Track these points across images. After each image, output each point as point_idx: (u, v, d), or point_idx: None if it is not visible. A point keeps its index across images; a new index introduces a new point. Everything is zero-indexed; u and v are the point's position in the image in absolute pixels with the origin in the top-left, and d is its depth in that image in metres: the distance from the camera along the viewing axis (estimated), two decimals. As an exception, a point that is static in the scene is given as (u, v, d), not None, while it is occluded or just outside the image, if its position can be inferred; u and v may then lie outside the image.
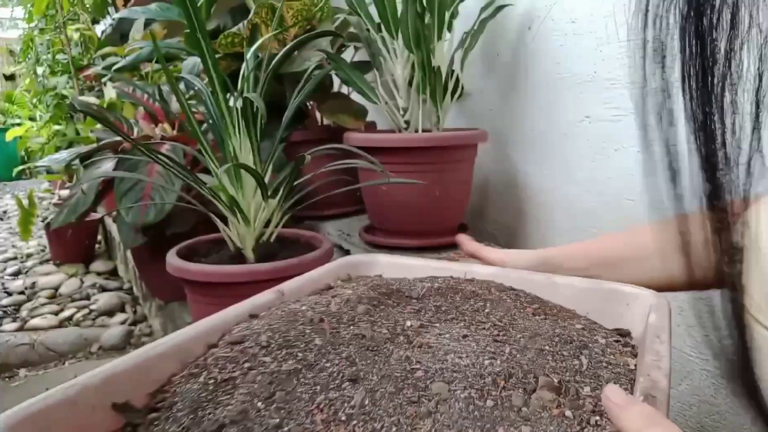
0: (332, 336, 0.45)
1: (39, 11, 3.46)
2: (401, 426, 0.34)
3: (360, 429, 0.33)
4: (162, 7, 1.56)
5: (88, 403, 0.40)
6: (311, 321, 0.48)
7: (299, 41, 1.23)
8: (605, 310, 0.59)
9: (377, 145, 1.20)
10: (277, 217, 1.15)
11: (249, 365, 0.41)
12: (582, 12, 1.07)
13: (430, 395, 0.37)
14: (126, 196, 1.34)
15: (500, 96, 1.33)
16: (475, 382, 0.39)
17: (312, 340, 0.44)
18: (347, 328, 0.47)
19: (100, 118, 1.22)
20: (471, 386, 0.38)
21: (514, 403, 0.37)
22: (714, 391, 0.91)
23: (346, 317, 0.49)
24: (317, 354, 0.42)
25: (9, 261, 2.99)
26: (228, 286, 1.02)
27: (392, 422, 0.34)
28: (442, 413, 0.35)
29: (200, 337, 0.50)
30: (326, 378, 0.39)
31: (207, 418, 0.36)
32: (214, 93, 1.06)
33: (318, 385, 0.38)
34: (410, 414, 0.35)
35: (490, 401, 0.37)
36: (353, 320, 0.49)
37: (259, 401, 0.36)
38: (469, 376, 0.40)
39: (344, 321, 0.48)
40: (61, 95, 3.30)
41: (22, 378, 1.75)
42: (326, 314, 0.49)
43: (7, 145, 5.51)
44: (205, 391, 0.39)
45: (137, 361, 0.44)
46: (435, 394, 0.37)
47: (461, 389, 0.38)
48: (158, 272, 1.26)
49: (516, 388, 0.39)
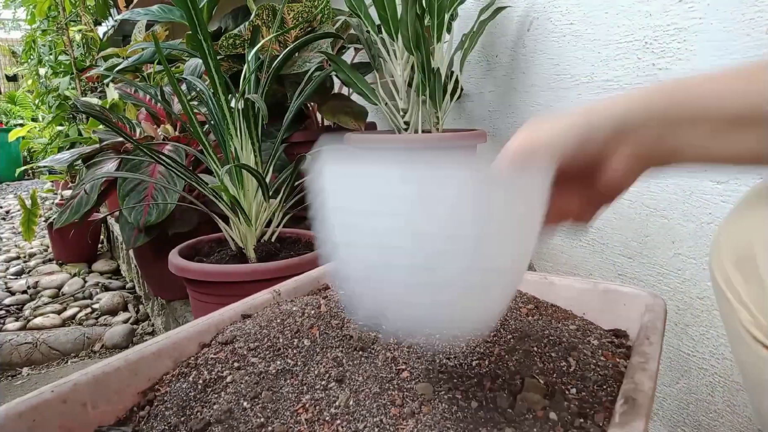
0: (321, 337, 0.45)
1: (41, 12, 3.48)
2: (384, 426, 0.34)
3: (343, 429, 0.34)
4: (164, 9, 1.57)
5: (78, 400, 0.41)
6: (301, 322, 0.48)
7: (300, 43, 1.24)
8: (603, 310, 0.59)
9: (378, 146, 1.20)
10: (278, 217, 1.15)
11: (238, 365, 0.41)
12: (580, 14, 1.08)
13: (414, 396, 0.38)
14: (128, 197, 1.34)
15: (499, 97, 1.33)
16: (461, 383, 0.39)
17: (300, 341, 0.44)
18: (336, 329, 0.47)
19: (103, 119, 1.23)
20: (456, 387, 0.39)
21: (500, 405, 0.38)
22: (711, 389, 0.91)
23: (336, 319, 0.49)
24: (305, 355, 0.42)
25: (12, 261, 3.01)
26: (229, 286, 1.03)
27: (375, 423, 0.34)
28: (425, 414, 0.36)
29: (194, 337, 0.50)
30: (313, 378, 0.39)
31: (194, 417, 0.36)
32: (216, 94, 1.06)
33: (304, 385, 0.39)
34: (393, 414, 0.35)
35: (474, 402, 0.37)
36: (343, 322, 0.49)
37: (245, 401, 0.37)
38: (455, 377, 0.40)
39: (334, 323, 0.49)
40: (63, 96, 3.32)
41: (24, 377, 1.76)
42: (316, 316, 0.49)
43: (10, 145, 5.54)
44: (193, 390, 0.40)
45: (129, 360, 0.45)
46: (420, 395, 0.38)
47: (446, 390, 0.38)
48: (160, 271, 1.27)
49: (502, 389, 0.39)
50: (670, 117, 0.38)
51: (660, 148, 0.39)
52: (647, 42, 0.95)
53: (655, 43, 0.94)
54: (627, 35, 0.99)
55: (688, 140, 0.38)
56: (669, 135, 0.38)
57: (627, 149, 0.39)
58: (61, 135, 3.30)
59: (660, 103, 0.38)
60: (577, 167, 0.40)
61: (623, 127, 0.39)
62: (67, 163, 1.54)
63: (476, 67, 1.38)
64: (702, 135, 0.38)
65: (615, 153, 0.40)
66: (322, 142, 1.27)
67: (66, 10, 3.32)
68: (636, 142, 0.39)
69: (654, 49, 0.94)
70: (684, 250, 0.93)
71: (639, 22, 0.96)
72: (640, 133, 0.39)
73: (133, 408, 0.42)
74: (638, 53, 0.97)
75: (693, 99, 0.38)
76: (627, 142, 0.39)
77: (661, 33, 0.93)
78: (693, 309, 0.93)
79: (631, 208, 1.02)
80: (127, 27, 2.70)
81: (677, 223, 0.94)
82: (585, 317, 0.59)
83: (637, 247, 1.01)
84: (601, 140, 0.39)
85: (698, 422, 0.95)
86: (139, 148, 1.04)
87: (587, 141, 0.39)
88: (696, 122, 0.38)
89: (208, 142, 1.09)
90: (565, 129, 0.40)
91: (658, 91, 0.39)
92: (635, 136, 0.39)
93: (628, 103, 0.39)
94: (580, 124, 0.40)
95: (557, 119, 0.41)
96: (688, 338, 0.94)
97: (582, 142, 0.39)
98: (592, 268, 1.12)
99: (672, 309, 0.96)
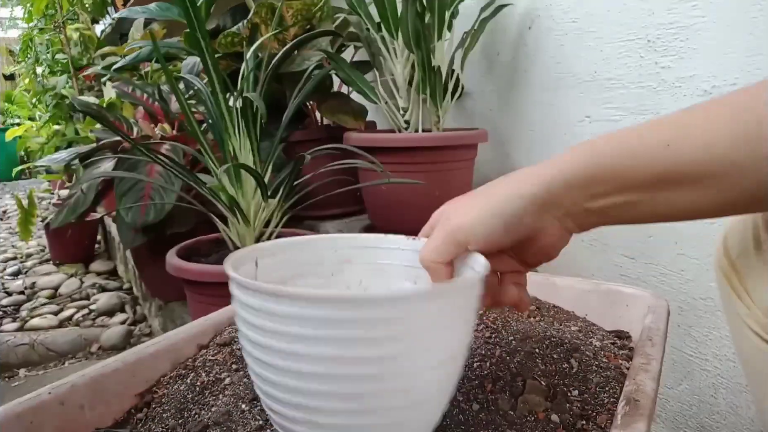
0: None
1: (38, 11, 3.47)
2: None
3: (344, 431, 0.33)
4: (161, 7, 1.56)
5: (76, 402, 0.40)
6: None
7: (299, 41, 1.23)
8: (605, 311, 0.59)
9: (377, 145, 1.20)
10: (277, 216, 1.15)
11: (236, 367, 0.41)
12: (582, 12, 1.07)
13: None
14: (126, 196, 1.33)
15: (500, 96, 1.32)
16: (462, 385, 0.38)
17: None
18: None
19: (100, 118, 1.22)
20: (457, 389, 0.38)
21: (501, 407, 0.37)
22: (714, 391, 0.91)
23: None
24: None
25: (9, 261, 2.99)
26: (227, 286, 1.02)
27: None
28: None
29: (191, 338, 0.49)
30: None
31: (192, 419, 0.36)
32: (214, 93, 1.05)
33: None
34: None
35: (476, 405, 0.37)
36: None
37: (244, 403, 0.36)
38: (457, 379, 0.39)
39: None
40: (60, 95, 3.30)
41: (22, 378, 1.75)
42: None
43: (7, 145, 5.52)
44: (191, 392, 0.39)
45: (127, 362, 0.44)
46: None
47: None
48: (158, 272, 1.26)
49: (503, 391, 0.39)
50: (587, 186, 0.38)
51: (587, 215, 0.39)
52: (650, 40, 0.95)
53: (658, 41, 0.93)
54: (629, 33, 0.98)
55: (614, 203, 0.38)
56: (591, 202, 0.38)
57: (555, 216, 0.40)
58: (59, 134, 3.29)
59: (576, 172, 0.38)
60: (505, 244, 0.40)
61: (547, 199, 0.39)
62: (64, 162, 1.52)
63: (477, 66, 1.38)
64: (628, 198, 0.37)
65: (545, 222, 0.40)
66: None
67: (63, 9, 3.31)
68: (562, 212, 0.39)
69: (656, 47, 0.94)
70: (687, 251, 0.93)
71: (642, 20, 0.95)
72: (563, 204, 0.39)
73: (130, 410, 0.42)
74: (641, 51, 0.96)
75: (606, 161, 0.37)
76: (552, 211, 0.39)
77: (663, 31, 0.92)
78: (696, 310, 0.92)
79: (632, 207, 1.02)
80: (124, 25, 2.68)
81: (680, 223, 0.94)
82: (587, 318, 0.58)
83: (640, 248, 1.01)
84: (530, 217, 0.39)
85: (701, 424, 0.94)
86: (136, 148, 1.03)
87: (516, 222, 0.39)
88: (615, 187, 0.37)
89: (206, 141, 1.08)
90: (488, 213, 0.40)
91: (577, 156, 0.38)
92: (559, 207, 0.39)
93: (548, 175, 0.39)
94: (501, 207, 0.39)
95: (475, 203, 0.41)
96: (691, 339, 0.93)
97: (510, 224, 0.39)
98: (595, 269, 1.11)
99: (675, 310, 0.95)
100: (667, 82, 0.93)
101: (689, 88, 0.89)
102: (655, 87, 0.95)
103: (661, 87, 0.94)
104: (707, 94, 0.87)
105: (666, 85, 0.93)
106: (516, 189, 0.39)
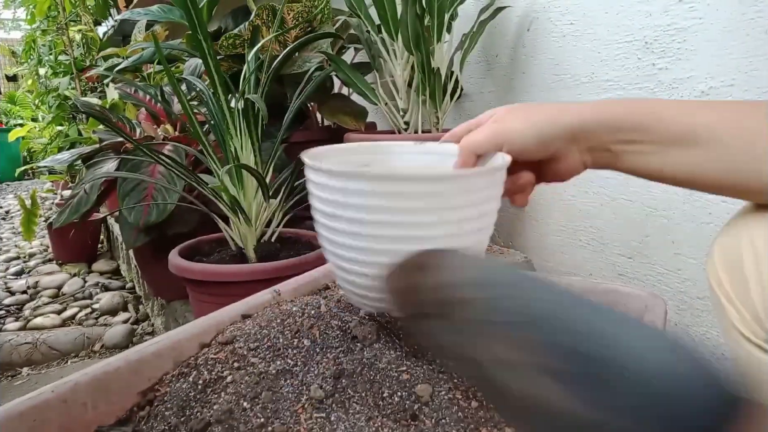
0: (321, 337, 0.45)
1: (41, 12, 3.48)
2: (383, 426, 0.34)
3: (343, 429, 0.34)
4: (164, 9, 1.57)
5: (78, 400, 0.41)
6: (301, 322, 0.48)
7: (300, 43, 1.24)
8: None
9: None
10: (278, 217, 1.15)
11: (238, 365, 0.41)
12: (580, 14, 1.08)
13: (414, 397, 0.38)
14: (128, 197, 1.34)
15: (499, 97, 1.33)
16: (461, 383, 0.39)
17: (300, 341, 0.44)
18: (337, 329, 0.47)
19: (103, 119, 1.23)
20: (456, 387, 0.39)
21: (499, 404, 0.38)
22: (711, 392, 0.92)
23: (336, 319, 0.49)
24: (305, 355, 0.42)
25: (12, 261, 3.00)
26: (229, 285, 1.03)
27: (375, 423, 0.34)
28: (426, 415, 0.36)
29: (193, 337, 0.50)
30: (313, 378, 0.39)
31: (194, 417, 0.36)
32: (216, 94, 1.06)
33: (304, 385, 0.39)
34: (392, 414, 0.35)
35: (475, 402, 0.37)
36: (343, 322, 0.49)
37: (245, 401, 0.37)
38: (455, 377, 0.40)
39: (334, 323, 0.49)
40: (63, 96, 3.31)
41: (24, 377, 1.76)
42: (316, 316, 0.49)
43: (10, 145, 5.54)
44: (194, 391, 0.40)
45: (129, 360, 0.45)
46: (419, 396, 0.38)
47: (446, 390, 0.38)
48: (160, 272, 1.27)
49: (501, 389, 0.39)
50: (615, 132, 0.46)
51: (606, 153, 0.48)
52: (647, 42, 0.95)
53: (656, 43, 0.94)
54: (627, 35, 0.99)
55: (633, 150, 0.46)
56: (614, 145, 0.47)
57: (579, 148, 0.49)
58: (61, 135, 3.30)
59: (609, 117, 0.47)
60: (535, 157, 0.49)
61: (579, 131, 0.47)
62: (66, 163, 1.53)
63: (476, 67, 1.38)
64: (644, 149, 0.46)
65: (569, 151, 0.49)
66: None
67: (66, 10, 3.32)
68: (587, 145, 0.48)
69: (654, 49, 0.94)
70: (684, 250, 0.93)
71: (639, 21, 0.96)
72: (590, 139, 0.48)
73: (133, 408, 0.42)
74: (638, 53, 0.97)
75: (635, 116, 0.46)
76: (579, 143, 0.48)
77: (661, 33, 0.93)
78: (693, 309, 0.93)
79: (631, 208, 1.02)
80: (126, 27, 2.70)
81: (677, 223, 0.94)
82: (585, 317, 0.59)
83: (638, 247, 1.02)
84: (560, 142, 0.48)
85: (698, 422, 0.95)
86: (139, 148, 1.04)
87: (548, 143, 0.48)
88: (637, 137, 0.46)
89: (208, 142, 1.09)
90: (529, 128, 0.48)
91: (614, 105, 0.48)
92: (586, 141, 0.48)
93: (587, 113, 0.47)
94: (541, 126, 0.48)
95: (523, 116, 0.49)
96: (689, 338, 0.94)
97: (543, 142, 0.48)
98: (593, 269, 1.12)
99: (672, 309, 0.96)
100: (665, 83, 0.93)
101: (686, 90, 0.90)
102: (653, 88, 0.95)
103: (659, 88, 0.94)
104: (704, 96, 0.88)
105: (663, 87, 0.94)
106: (557, 117, 0.48)
